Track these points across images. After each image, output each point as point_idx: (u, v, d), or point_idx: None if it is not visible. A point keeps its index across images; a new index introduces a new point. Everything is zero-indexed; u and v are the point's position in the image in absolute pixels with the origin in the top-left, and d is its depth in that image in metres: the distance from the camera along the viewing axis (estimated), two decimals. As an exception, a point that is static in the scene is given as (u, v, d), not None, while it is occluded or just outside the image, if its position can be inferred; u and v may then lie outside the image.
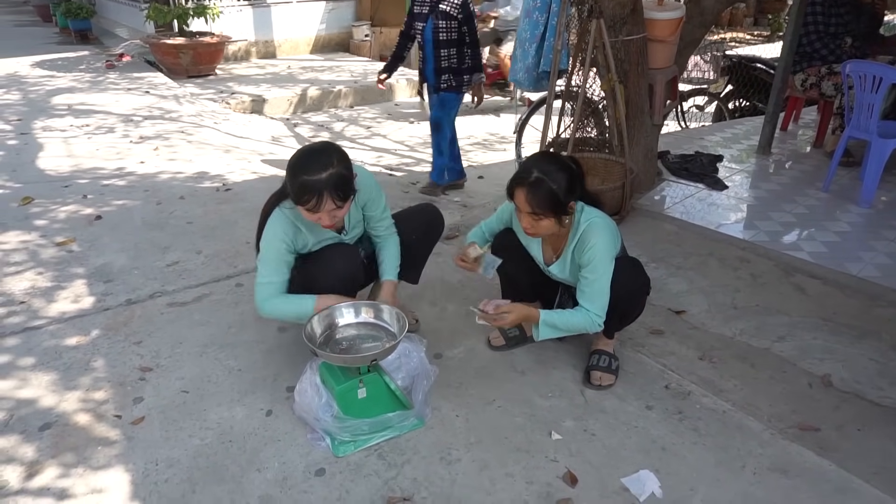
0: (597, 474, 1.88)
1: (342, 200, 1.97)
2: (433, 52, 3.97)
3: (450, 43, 3.94)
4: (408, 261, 2.44)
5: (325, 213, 1.97)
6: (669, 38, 3.60)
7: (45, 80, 7.46)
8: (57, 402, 2.18)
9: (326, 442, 1.97)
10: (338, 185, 1.94)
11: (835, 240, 3.30)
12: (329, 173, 1.92)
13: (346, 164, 2.00)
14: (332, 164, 1.95)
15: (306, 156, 1.99)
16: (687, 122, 5.94)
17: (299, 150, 2.03)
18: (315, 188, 1.90)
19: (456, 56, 4.00)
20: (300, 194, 1.93)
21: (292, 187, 1.95)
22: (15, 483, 1.84)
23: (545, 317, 2.09)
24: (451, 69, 4.00)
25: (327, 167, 1.93)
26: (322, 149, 2.01)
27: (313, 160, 1.95)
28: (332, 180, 1.92)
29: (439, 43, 3.91)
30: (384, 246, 2.36)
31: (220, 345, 2.50)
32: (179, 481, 1.85)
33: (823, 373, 2.33)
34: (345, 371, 1.98)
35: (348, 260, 2.21)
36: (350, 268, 2.21)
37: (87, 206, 3.87)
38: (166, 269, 3.11)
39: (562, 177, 1.97)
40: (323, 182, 1.91)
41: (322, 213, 1.96)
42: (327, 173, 1.92)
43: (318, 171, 1.91)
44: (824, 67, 4.54)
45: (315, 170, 1.92)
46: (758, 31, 14.18)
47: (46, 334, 2.57)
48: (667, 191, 4.01)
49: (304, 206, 1.95)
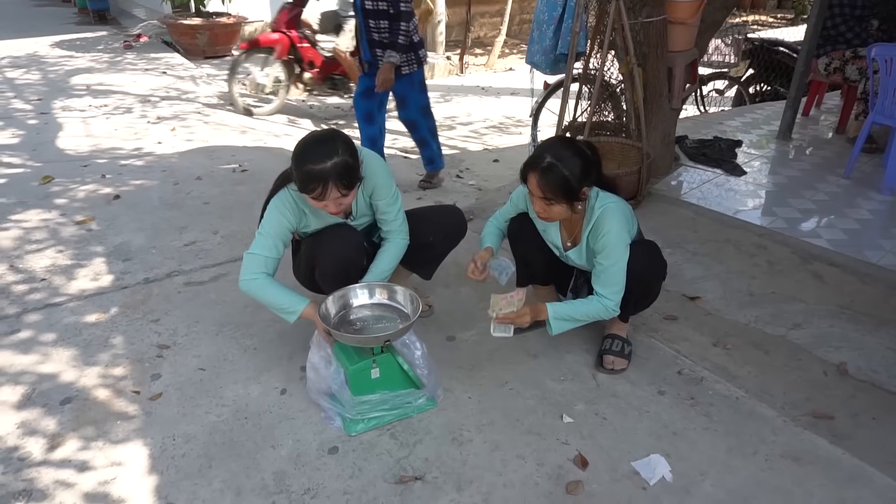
0: (607, 457, 1.89)
1: (347, 189, 1.96)
2: (363, 23, 3.60)
3: (378, 14, 3.50)
4: (424, 259, 2.43)
5: (330, 202, 1.97)
6: (690, 21, 3.54)
7: (63, 61, 7.52)
8: (77, 377, 2.23)
9: (338, 423, 2.00)
10: (342, 174, 1.93)
11: (855, 227, 3.25)
12: (334, 162, 1.91)
13: (351, 151, 1.98)
14: (337, 152, 1.93)
15: (311, 144, 1.97)
16: (706, 106, 5.86)
17: (303, 139, 2.02)
18: (320, 177, 1.90)
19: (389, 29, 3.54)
20: (305, 183, 1.92)
21: (297, 176, 1.94)
22: (37, 455, 1.89)
23: (553, 312, 2.09)
24: (385, 44, 3.56)
25: (332, 156, 1.91)
26: (327, 137, 2.00)
27: (318, 149, 1.94)
28: (336, 169, 1.91)
29: (367, 13, 3.52)
30: (385, 247, 2.28)
31: (236, 324, 2.53)
32: (196, 456, 1.89)
33: (839, 361, 2.31)
34: (358, 351, 2.00)
35: (348, 243, 2.18)
36: (349, 251, 2.18)
37: (105, 186, 3.91)
38: (183, 249, 3.15)
39: (575, 163, 1.95)
40: (328, 171, 1.90)
41: (328, 200, 1.96)
42: (332, 162, 1.90)
43: (322, 160, 1.90)
44: (849, 51, 4.45)
45: (319, 159, 1.90)
46: (781, 13, 13.90)
47: (67, 311, 2.62)
48: (684, 176, 3.97)
49: (309, 194, 1.95)
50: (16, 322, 2.54)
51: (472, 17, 9.11)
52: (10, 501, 1.73)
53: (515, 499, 1.76)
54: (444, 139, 5.48)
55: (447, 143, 5.38)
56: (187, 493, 1.76)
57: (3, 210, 3.53)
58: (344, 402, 1.96)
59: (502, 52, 9.55)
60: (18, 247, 3.14)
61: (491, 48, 9.36)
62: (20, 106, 5.63)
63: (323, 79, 5.89)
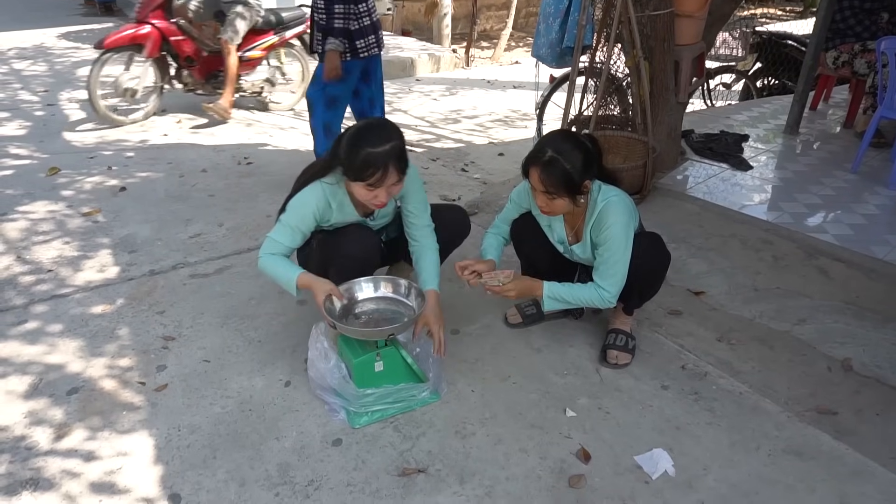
0: (610, 452, 1.90)
1: (403, 173, 1.96)
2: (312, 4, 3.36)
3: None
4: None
5: (384, 189, 1.94)
6: (697, 14, 3.52)
7: (70, 52, 7.53)
8: (84, 367, 2.24)
9: (342, 416, 2.01)
10: (400, 157, 1.93)
11: (861, 222, 3.24)
12: (392, 145, 1.91)
13: (402, 137, 1.99)
14: (393, 136, 1.93)
15: (366, 129, 1.95)
16: (713, 100, 5.82)
17: (356, 126, 1.99)
18: (380, 160, 1.88)
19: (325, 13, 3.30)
20: (364, 168, 1.88)
21: (353, 161, 1.90)
22: (44, 444, 1.91)
23: (549, 290, 2.10)
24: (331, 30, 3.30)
25: (390, 139, 1.91)
26: (380, 123, 2.00)
27: (375, 133, 1.92)
28: (395, 152, 1.91)
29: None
30: (423, 254, 2.24)
31: (241, 316, 2.55)
32: (201, 447, 1.91)
33: (844, 356, 2.30)
34: (362, 344, 2.01)
35: (367, 244, 2.18)
36: (369, 252, 2.18)
37: (111, 178, 3.92)
38: (189, 241, 3.16)
39: (576, 156, 1.95)
40: (387, 153, 1.88)
41: (383, 188, 1.93)
42: (390, 145, 1.90)
43: (381, 143, 1.89)
44: (858, 44, 4.41)
45: (378, 142, 1.89)
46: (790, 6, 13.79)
47: (73, 302, 2.64)
48: (690, 170, 3.96)
49: (366, 180, 1.90)
50: (23, 313, 2.55)
51: (478, 10, 9.08)
52: (17, 490, 1.75)
53: (518, 492, 1.77)
54: (450, 132, 5.48)
55: (452, 135, 5.37)
56: (192, 484, 1.78)
57: (10, 201, 3.55)
58: (347, 395, 1.97)
59: (508, 45, 9.52)
60: (25, 238, 3.16)
61: (497, 41, 9.33)
62: (27, 97, 5.65)
63: (206, 76, 5.06)
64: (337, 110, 3.59)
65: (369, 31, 3.44)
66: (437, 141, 5.23)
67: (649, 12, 3.37)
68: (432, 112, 6.25)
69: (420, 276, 2.22)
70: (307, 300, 2.61)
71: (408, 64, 8.02)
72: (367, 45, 3.45)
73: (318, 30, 3.40)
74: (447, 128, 5.60)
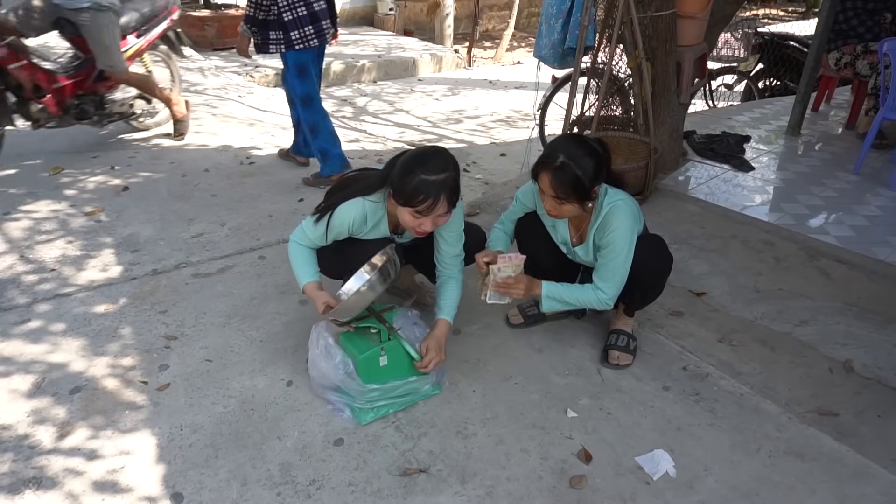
0: (611, 452, 1.90)
1: (453, 206, 1.92)
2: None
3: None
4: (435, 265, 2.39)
5: (430, 219, 1.90)
6: (699, 15, 3.52)
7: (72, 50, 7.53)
8: (86, 366, 2.25)
9: (347, 413, 2.02)
10: (453, 189, 1.89)
11: (863, 224, 3.24)
12: (447, 175, 1.86)
13: (458, 170, 1.94)
14: (450, 167, 1.89)
15: (424, 156, 1.91)
16: (715, 101, 5.83)
17: (414, 151, 1.96)
18: (432, 190, 1.83)
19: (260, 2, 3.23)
20: (415, 194, 1.84)
21: (405, 186, 1.85)
22: (47, 443, 1.92)
23: (547, 290, 2.11)
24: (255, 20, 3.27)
25: (446, 169, 1.87)
26: (439, 151, 1.95)
27: (432, 161, 1.88)
28: (448, 183, 1.86)
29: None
30: (447, 283, 2.21)
31: (243, 316, 2.55)
32: (203, 446, 1.91)
33: (845, 358, 2.30)
34: (365, 340, 2.02)
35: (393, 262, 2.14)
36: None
37: (114, 177, 3.93)
38: (191, 241, 3.17)
39: (588, 162, 1.94)
40: (441, 183, 1.84)
41: (430, 217, 1.89)
42: (445, 175, 1.86)
43: (436, 172, 1.85)
44: (860, 46, 4.41)
45: (434, 170, 1.85)
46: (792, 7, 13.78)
47: (76, 301, 2.64)
48: (691, 171, 3.96)
49: (415, 206, 1.86)
50: (26, 312, 2.56)
51: (480, 10, 9.08)
52: (20, 489, 1.76)
53: (519, 492, 1.77)
54: (452, 132, 5.49)
55: (454, 136, 5.39)
56: (194, 483, 1.79)
57: (13, 200, 3.56)
58: (352, 392, 1.98)
59: (510, 46, 9.52)
60: (28, 237, 3.17)
61: (499, 41, 9.33)
62: (30, 97, 5.66)
63: (62, 106, 3.90)
64: (315, 105, 3.61)
65: (306, 21, 3.39)
66: (439, 141, 5.24)
67: (651, 13, 3.37)
68: (434, 112, 6.26)
69: (438, 302, 2.20)
70: (309, 300, 2.62)
71: (410, 64, 8.04)
72: (304, 36, 3.41)
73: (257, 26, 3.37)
74: (449, 128, 5.61)
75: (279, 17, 3.28)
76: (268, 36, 3.41)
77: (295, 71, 3.51)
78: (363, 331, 2.06)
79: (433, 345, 2.06)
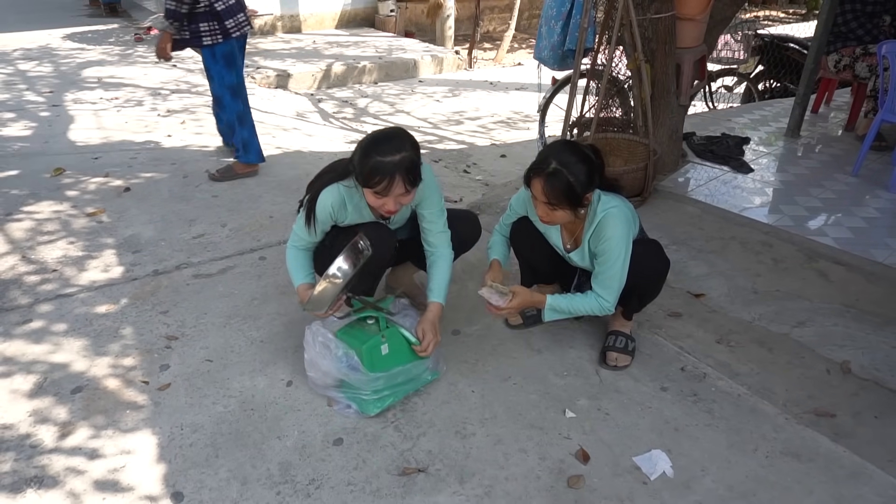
0: (609, 452, 1.91)
1: (412, 185, 1.95)
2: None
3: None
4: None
5: (392, 199, 1.93)
6: (699, 17, 3.53)
7: (75, 53, 7.57)
8: (88, 366, 2.26)
9: (354, 408, 2.04)
10: (409, 169, 1.91)
11: (862, 226, 3.25)
12: (402, 156, 1.89)
13: (417, 150, 1.98)
14: (406, 148, 1.92)
15: (380, 139, 1.95)
16: (715, 103, 5.83)
17: (371, 134, 2.00)
18: (387, 170, 1.87)
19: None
20: (371, 176, 1.88)
21: (363, 168, 1.90)
22: (49, 442, 1.93)
23: (551, 302, 2.12)
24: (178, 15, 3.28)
25: (400, 150, 1.90)
26: (395, 133, 1.99)
27: (387, 143, 1.92)
28: (404, 164, 1.89)
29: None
30: (436, 262, 2.24)
31: (243, 316, 2.57)
32: (203, 446, 1.93)
33: (843, 359, 2.31)
34: (364, 331, 2.05)
35: (387, 244, 2.19)
36: (385, 252, 2.20)
37: (116, 178, 3.95)
38: (192, 242, 3.18)
39: (580, 169, 1.95)
40: (395, 164, 1.87)
41: (390, 197, 1.93)
42: (400, 156, 1.89)
43: (391, 153, 1.88)
44: (859, 48, 4.42)
45: (388, 152, 1.88)
46: (793, 8, 13.78)
47: (77, 302, 2.66)
48: (691, 173, 3.97)
49: (373, 188, 1.91)
50: (28, 312, 2.58)
51: (481, 12, 9.09)
52: (22, 488, 1.77)
53: (517, 492, 1.78)
54: (452, 133, 5.50)
55: (455, 137, 5.40)
56: (194, 482, 1.80)
57: (15, 201, 3.58)
58: (358, 384, 2.00)
59: (511, 47, 9.53)
60: (30, 238, 3.18)
61: (500, 43, 9.35)
62: (32, 98, 5.68)
63: None
64: (243, 94, 3.73)
65: (236, 9, 3.47)
66: (440, 142, 5.25)
67: (651, 15, 3.39)
68: (435, 113, 6.28)
69: (429, 284, 2.24)
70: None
71: (411, 65, 8.05)
72: (238, 23, 3.49)
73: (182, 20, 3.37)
74: (449, 129, 5.63)
75: (211, 8, 3.33)
76: (199, 29, 3.42)
77: (224, 62, 3.57)
78: (360, 323, 2.08)
79: (428, 328, 2.10)
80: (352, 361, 2.00)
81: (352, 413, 2.04)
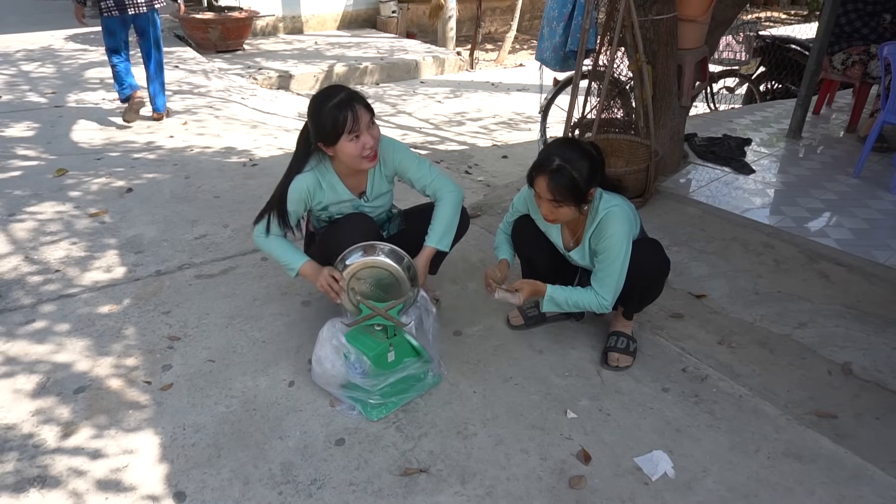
0: (610, 453, 1.92)
1: (370, 111, 2.07)
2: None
3: None
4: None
5: (365, 133, 2.03)
6: (701, 18, 3.54)
7: (78, 54, 7.58)
8: (90, 366, 2.27)
9: (357, 410, 2.04)
10: (360, 97, 2.05)
11: (863, 227, 3.25)
12: (345, 92, 2.04)
13: (351, 89, 2.11)
14: (342, 89, 2.06)
15: (320, 95, 2.07)
16: (716, 103, 5.83)
17: (312, 97, 2.12)
18: (345, 103, 1.99)
19: None
20: (335, 121, 1.99)
21: (325, 121, 2.01)
22: (52, 442, 1.94)
23: (551, 292, 2.15)
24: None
25: (342, 90, 2.05)
26: (329, 87, 2.13)
27: (328, 92, 2.05)
28: (352, 95, 2.03)
29: None
30: (437, 207, 2.30)
31: (246, 317, 2.57)
32: (206, 446, 1.93)
33: (844, 360, 2.31)
34: (372, 337, 2.07)
35: (364, 229, 2.21)
36: (366, 235, 2.20)
37: (118, 179, 3.96)
38: (194, 242, 3.19)
39: (583, 165, 1.96)
40: (348, 96, 2.01)
41: (363, 132, 2.03)
42: (345, 91, 2.04)
43: (338, 94, 2.02)
44: (873, 46, 4.40)
45: (335, 94, 2.02)
46: (795, 9, 13.78)
47: (80, 302, 2.67)
48: (692, 174, 3.97)
49: (344, 130, 2.00)
50: (31, 312, 2.58)
51: (482, 13, 9.10)
52: (25, 487, 1.78)
53: (518, 492, 1.78)
54: (454, 134, 5.51)
55: (456, 138, 5.40)
56: (196, 482, 1.80)
57: (18, 202, 3.59)
58: (366, 387, 2.01)
59: (512, 48, 9.54)
60: (33, 238, 3.19)
61: (501, 44, 9.35)
62: (35, 99, 5.69)
63: None
64: (117, 54, 4.75)
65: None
66: (441, 143, 5.26)
67: (652, 17, 3.39)
68: (436, 114, 6.28)
69: (428, 229, 2.28)
70: (311, 300, 2.64)
71: (412, 66, 8.06)
72: (108, 7, 4.43)
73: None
74: (451, 130, 5.63)
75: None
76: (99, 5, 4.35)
77: (160, 24, 4.73)
78: (367, 328, 2.10)
79: (418, 270, 2.17)
80: (363, 368, 2.02)
81: (354, 415, 2.04)
